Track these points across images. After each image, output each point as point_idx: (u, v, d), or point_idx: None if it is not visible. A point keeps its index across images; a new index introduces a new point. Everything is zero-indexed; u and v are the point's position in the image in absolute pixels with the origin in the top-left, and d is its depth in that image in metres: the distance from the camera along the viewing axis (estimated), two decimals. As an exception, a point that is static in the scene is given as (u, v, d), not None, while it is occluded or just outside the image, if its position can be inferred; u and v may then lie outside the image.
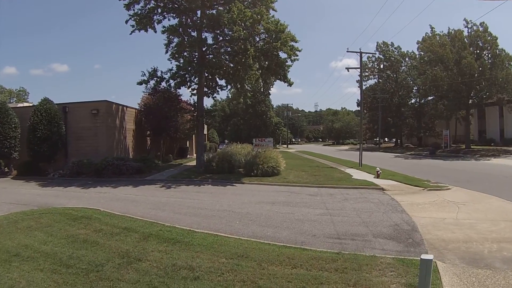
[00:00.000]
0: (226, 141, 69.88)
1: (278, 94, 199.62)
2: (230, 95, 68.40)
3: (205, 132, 44.89)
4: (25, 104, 31.09)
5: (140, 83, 19.34)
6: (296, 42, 17.37)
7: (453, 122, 47.83)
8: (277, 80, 19.30)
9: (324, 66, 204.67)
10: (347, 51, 21.54)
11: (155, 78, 19.40)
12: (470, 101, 37.25)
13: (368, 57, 51.34)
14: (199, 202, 11.05)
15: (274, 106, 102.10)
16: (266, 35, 16.70)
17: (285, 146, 77.52)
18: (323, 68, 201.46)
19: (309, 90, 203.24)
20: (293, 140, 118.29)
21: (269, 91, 69.62)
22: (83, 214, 9.13)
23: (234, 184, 14.71)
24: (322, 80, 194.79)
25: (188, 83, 19.17)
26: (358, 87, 67.75)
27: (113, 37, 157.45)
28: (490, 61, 34.46)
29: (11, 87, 66.71)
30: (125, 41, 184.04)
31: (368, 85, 57.24)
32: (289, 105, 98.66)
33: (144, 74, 19.51)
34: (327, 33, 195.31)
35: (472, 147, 37.92)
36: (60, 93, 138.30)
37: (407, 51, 54.50)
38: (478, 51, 35.42)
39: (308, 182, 14.65)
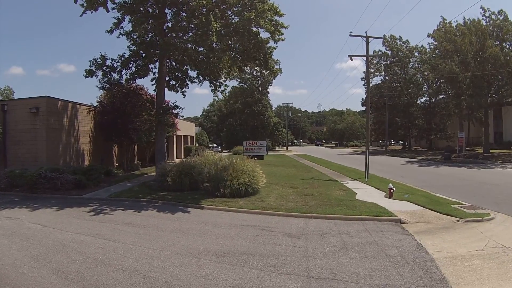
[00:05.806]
0: (223, 143, 65.81)
1: (283, 95, 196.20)
2: (227, 93, 63.61)
3: (192, 133, 40.76)
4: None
5: (86, 75, 15.30)
6: (280, 16, 13.12)
7: (465, 123, 43.53)
8: (257, 67, 15.07)
9: (329, 67, 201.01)
10: (350, 35, 17.42)
11: (103, 68, 15.30)
12: (489, 99, 32.95)
13: (374, 51, 46.81)
14: (112, 248, 6.93)
15: (276, 106, 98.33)
16: (239, 5, 12.41)
17: (285, 148, 73.24)
18: (328, 70, 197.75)
19: (314, 91, 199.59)
20: (295, 141, 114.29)
21: (267, 89, 65.72)
22: None
23: (188, 210, 10.44)
24: (326, 81, 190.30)
25: (144, 73, 14.99)
26: (363, 85, 63.56)
27: (121, 37, 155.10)
28: (513, 53, 30.17)
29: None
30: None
31: (374, 83, 52.80)
32: (289, 104, 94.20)
33: (93, 63, 15.50)
34: (331, 34, 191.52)
35: (490, 151, 33.58)
36: (67, 94, 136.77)
37: (417, 45, 49.87)
38: (498, 42, 31.22)
39: (293, 207, 10.34)
